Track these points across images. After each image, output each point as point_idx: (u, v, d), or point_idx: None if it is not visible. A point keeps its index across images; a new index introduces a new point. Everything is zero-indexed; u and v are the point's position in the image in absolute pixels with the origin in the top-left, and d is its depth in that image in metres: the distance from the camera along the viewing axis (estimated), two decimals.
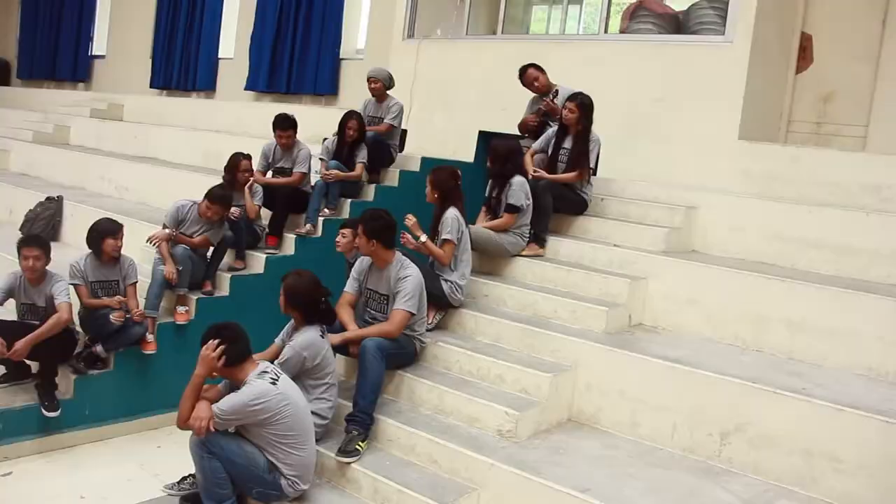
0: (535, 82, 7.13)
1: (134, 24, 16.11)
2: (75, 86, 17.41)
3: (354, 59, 12.29)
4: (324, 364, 4.61)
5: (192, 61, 14.53)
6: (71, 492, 5.25)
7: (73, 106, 14.52)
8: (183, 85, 14.62)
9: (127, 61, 16.25)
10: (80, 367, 5.97)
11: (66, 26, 17.84)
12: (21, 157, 12.37)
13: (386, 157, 8.11)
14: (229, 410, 4.04)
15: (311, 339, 4.57)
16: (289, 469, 4.18)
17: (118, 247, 6.06)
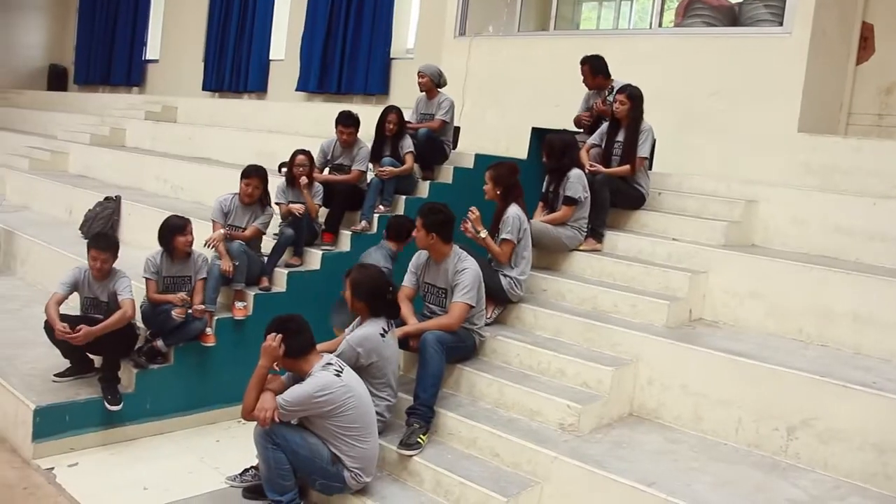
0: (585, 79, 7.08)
1: (186, 28, 16.37)
2: (130, 90, 17.72)
3: (405, 59, 12.33)
4: (381, 363, 4.59)
5: (244, 63, 14.70)
6: (134, 483, 5.31)
7: (128, 109, 14.78)
8: (234, 87, 14.80)
9: (179, 65, 16.53)
10: (142, 362, 6.05)
11: (121, 32, 18.19)
12: (79, 159, 12.62)
13: (439, 154, 8.11)
14: (293, 402, 4.06)
15: (367, 335, 4.56)
16: (352, 461, 4.19)
17: (188, 242, 6.12)
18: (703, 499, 3.94)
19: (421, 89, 8.18)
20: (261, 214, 6.73)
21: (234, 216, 6.72)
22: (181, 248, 6.10)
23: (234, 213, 6.73)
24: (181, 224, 6.15)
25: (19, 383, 5.85)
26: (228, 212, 6.72)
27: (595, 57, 7.07)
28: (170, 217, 6.25)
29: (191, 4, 16.29)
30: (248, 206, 6.73)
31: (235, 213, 6.73)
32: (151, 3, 17.78)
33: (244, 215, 6.71)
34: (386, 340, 4.61)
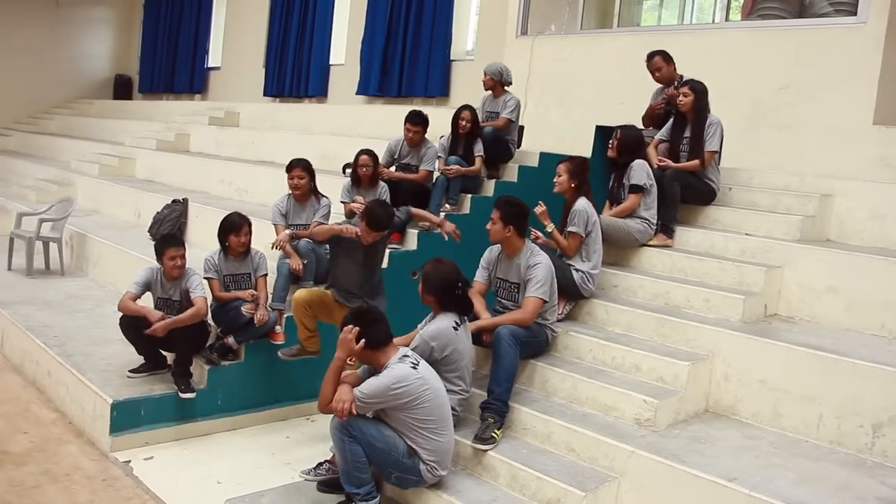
0: (657, 71, 6.98)
1: (247, 35, 16.62)
2: (192, 97, 18.06)
3: (465, 61, 12.34)
4: (454, 356, 4.57)
5: (304, 68, 14.86)
6: (207, 477, 5.37)
7: (191, 115, 15.04)
8: (295, 92, 14.97)
9: (241, 71, 16.78)
10: (213, 358, 6.13)
11: (184, 41, 18.57)
12: (146, 164, 12.89)
13: (504, 153, 8.08)
14: (370, 394, 4.06)
15: (441, 330, 4.54)
16: (428, 454, 4.18)
17: (241, 243, 6.17)
18: (788, 495, 3.84)
19: (486, 88, 8.16)
20: (318, 208, 6.77)
21: (292, 216, 6.77)
22: (234, 247, 6.17)
23: (292, 213, 6.78)
24: (237, 224, 6.20)
25: (96, 378, 5.98)
26: (286, 212, 6.77)
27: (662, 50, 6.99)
28: (229, 215, 6.31)
29: (251, 12, 16.54)
30: (303, 203, 6.77)
31: (293, 213, 6.78)
32: (213, 12, 18.11)
33: (302, 212, 6.76)
34: (459, 334, 4.59)
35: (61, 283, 9.20)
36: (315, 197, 6.79)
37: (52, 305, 8.07)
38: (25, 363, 7.04)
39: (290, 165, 6.70)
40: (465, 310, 4.76)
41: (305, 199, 6.74)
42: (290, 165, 6.70)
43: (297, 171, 6.65)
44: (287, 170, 6.72)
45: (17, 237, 9.68)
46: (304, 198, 6.73)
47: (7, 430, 5.85)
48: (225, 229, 6.16)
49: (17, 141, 18.25)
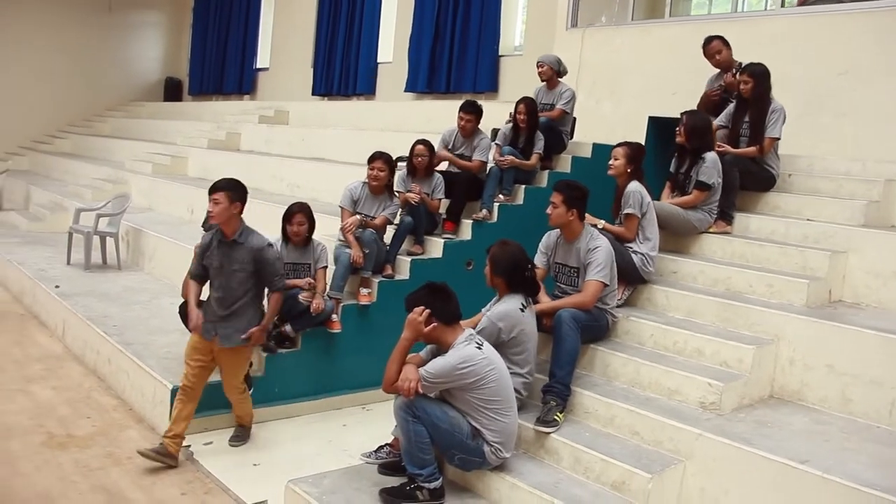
0: (716, 55, 6.88)
1: (295, 36, 16.79)
2: (241, 97, 18.28)
3: (513, 56, 12.33)
4: (521, 338, 4.53)
5: (352, 67, 14.97)
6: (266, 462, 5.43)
7: (241, 114, 15.22)
8: (343, 90, 15.08)
9: (289, 71, 16.95)
10: (271, 346, 6.16)
11: (233, 43, 18.82)
12: (198, 162, 13.05)
13: (558, 144, 8.04)
14: (436, 373, 4.05)
15: (508, 311, 4.52)
16: (493, 435, 4.14)
17: (295, 232, 6.17)
18: (862, 477, 3.74)
19: (541, 79, 8.13)
20: (390, 204, 6.78)
21: (362, 204, 6.78)
22: (290, 235, 6.20)
23: (363, 202, 6.79)
24: (290, 212, 6.22)
25: (156, 366, 6.06)
26: (357, 200, 6.78)
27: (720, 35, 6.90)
28: (291, 204, 6.34)
29: (299, 14, 16.71)
30: (376, 195, 6.78)
31: (364, 202, 6.79)
32: (261, 14, 18.31)
33: (373, 204, 6.77)
34: (525, 315, 4.56)
35: (118, 277, 9.35)
36: (389, 193, 6.81)
37: (111, 297, 8.20)
38: (86, 352, 7.16)
39: (373, 157, 6.72)
40: (532, 291, 4.72)
41: (380, 192, 6.76)
42: (373, 157, 6.72)
43: (379, 163, 6.67)
44: (369, 161, 6.73)
45: (76, 232, 9.87)
46: (379, 191, 6.74)
47: (71, 415, 5.96)
48: (283, 218, 6.21)
49: (71, 143, 18.65)
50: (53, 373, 6.89)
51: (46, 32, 19.41)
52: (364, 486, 4.38)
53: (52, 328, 8.11)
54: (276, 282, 5.35)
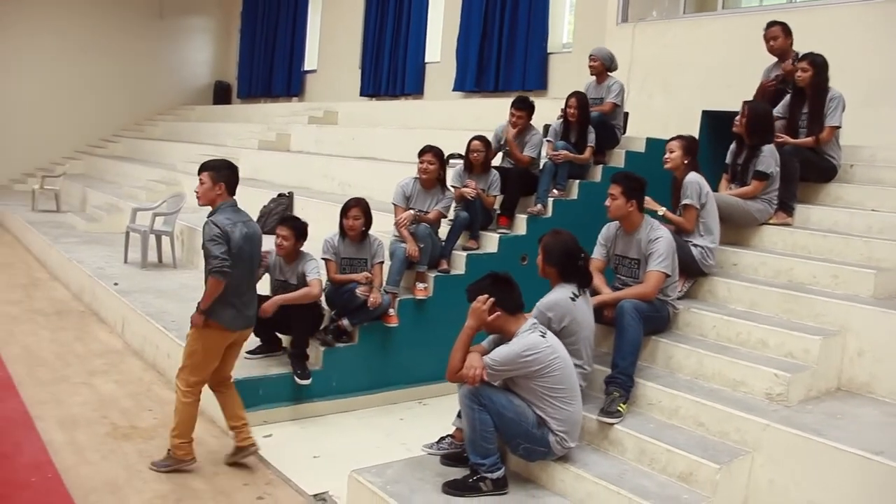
0: (772, 40, 6.77)
1: (342, 38, 16.91)
2: (289, 100, 18.44)
3: (562, 53, 12.28)
4: (572, 328, 4.47)
5: (400, 68, 15.02)
6: (326, 454, 5.48)
7: (291, 116, 15.38)
8: (391, 91, 15.14)
9: (337, 73, 17.08)
10: (328, 340, 6.20)
11: (280, 47, 19.02)
12: (249, 162, 13.18)
13: (611, 138, 7.99)
14: (501, 361, 4.04)
15: (557, 300, 4.47)
16: (558, 424, 4.12)
17: (350, 226, 6.20)
18: None
19: (592, 73, 8.09)
20: (442, 198, 6.79)
21: (415, 200, 6.81)
22: (346, 229, 6.23)
23: (416, 197, 6.82)
24: (346, 206, 6.27)
25: None
26: (410, 196, 6.81)
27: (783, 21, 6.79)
28: (348, 199, 6.38)
29: (346, 16, 16.84)
30: (429, 189, 6.80)
31: (417, 197, 6.81)
32: (308, 17, 18.47)
33: (426, 199, 6.79)
34: (577, 304, 4.50)
35: (174, 275, 9.49)
36: (441, 186, 6.82)
37: (168, 294, 8.31)
38: (145, 347, 7.27)
39: (423, 150, 6.76)
40: (585, 281, 4.67)
41: (432, 185, 6.77)
42: (423, 150, 6.76)
43: (429, 156, 6.70)
44: (419, 154, 6.77)
45: (133, 231, 10.02)
46: (430, 184, 6.76)
47: (133, 408, 6.06)
48: (340, 213, 6.25)
49: (124, 146, 18.99)
50: (115, 367, 7.01)
51: (99, 40, 19.82)
52: (427, 476, 4.38)
53: (112, 324, 8.25)
54: (206, 262, 4.87)
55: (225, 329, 4.94)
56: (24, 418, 5.73)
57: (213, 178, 4.91)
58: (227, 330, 4.95)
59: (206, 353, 4.95)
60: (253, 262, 5.11)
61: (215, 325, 4.89)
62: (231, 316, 4.93)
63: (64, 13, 19.31)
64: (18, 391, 6.26)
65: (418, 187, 6.82)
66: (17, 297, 9.39)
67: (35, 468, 4.94)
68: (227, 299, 4.87)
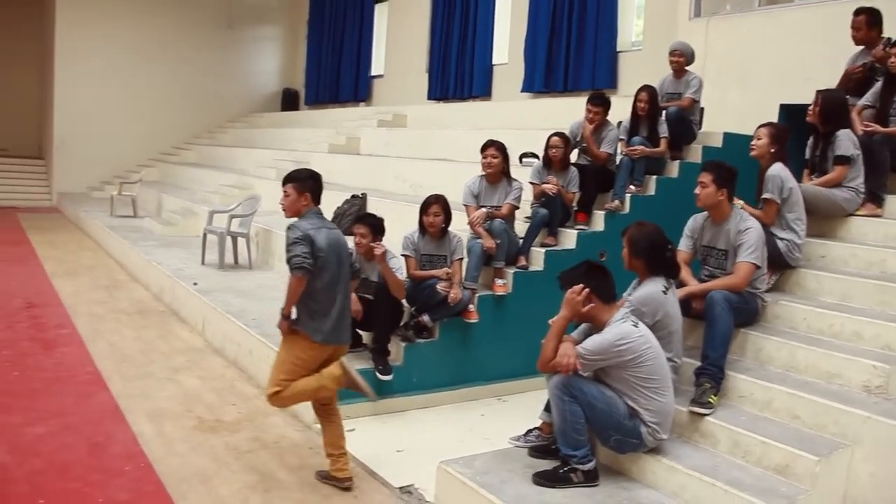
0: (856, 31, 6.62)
1: (409, 42, 17.02)
2: (356, 105, 18.59)
3: (631, 51, 12.17)
4: (665, 321, 4.42)
5: (468, 70, 15.04)
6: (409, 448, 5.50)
7: (359, 120, 15.52)
8: (459, 93, 15.16)
9: (404, 77, 17.18)
10: (409, 336, 6.23)
11: (347, 53, 19.21)
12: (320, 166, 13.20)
13: (688, 133, 7.89)
14: (594, 350, 4.01)
15: (650, 294, 4.41)
16: (650, 415, 4.07)
17: (431, 223, 6.23)
18: None
19: (674, 68, 7.98)
20: (510, 190, 6.78)
21: (483, 197, 6.82)
22: (426, 226, 6.26)
23: (484, 194, 6.83)
24: (426, 203, 6.31)
25: None
26: (478, 194, 6.83)
27: (871, 8, 6.61)
28: (428, 196, 6.40)
29: (412, 20, 16.94)
30: (495, 184, 6.81)
31: (485, 194, 6.82)
32: (374, 23, 18.62)
33: (494, 194, 6.80)
34: (668, 297, 4.45)
35: (250, 275, 9.65)
36: (507, 179, 6.81)
37: (246, 294, 8.45)
38: (226, 344, 7.39)
39: (485, 145, 6.77)
40: (673, 273, 4.61)
41: (497, 179, 6.77)
42: (485, 145, 6.77)
43: (492, 150, 6.70)
44: (482, 149, 6.78)
45: (210, 232, 10.22)
46: (496, 178, 6.75)
47: (218, 403, 6.16)
48: (420, 210, 6.28)
49: (196, 154, 19.39)
50: (197, 364, 7.14)
51: (170, 52, 20.29)
52: (516, 468, 4.36)
53: (192, 323, 8.41)
54: (287, 262, 4.59)
55: (312, 341, 4.66)
56: (115, 411, 5.88)
57: (297, 190, 4.70)
58: (314, 342, 4.66)
59: (296, 364, 4.69)
60: (340, 272, 4.76)
61: (303, 334, 4.66)
62: (318, 327, 4.65)
63: (137, 25, 19.81)
64: (107, 385, 6.42)
65: (485, 184, 6.83)
66: (101, 297, 9.64)
67: (127, 458, 5.06)
68: (310, 307, 4.63)
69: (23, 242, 13.63)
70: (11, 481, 4.63)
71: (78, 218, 16.30)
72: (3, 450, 5.06)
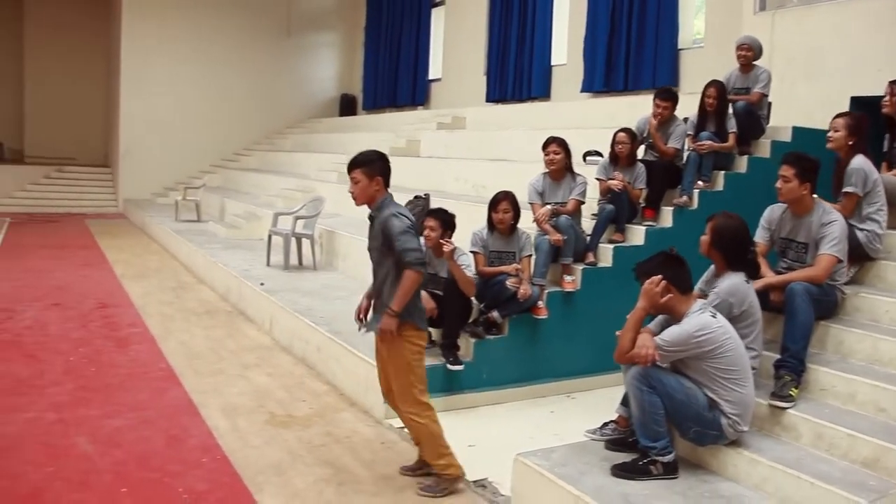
0: None
1: (466, 45, 17.06)
2: (414, 108, 18.67)
3: (693, 49, 12.04)
4: (751, 311, 4.35)
5: (526, 71, 15.03)
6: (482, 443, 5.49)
7: (418, 123, 15.59)
8: (518, 95, 15.15)
9: (462, 80, 17.22)
10: (479, 332, 6.22)
11: (405, 57, 19.32)
12: None
13: (756, 128, 7.77)
14: (673, 341, 3.95)
15: (736, 285, 4.34)
16: (730, 407, 4.00)
17: (500, 219, 6.22)
18: None
19: (742, 62, 7.86)
20: (575, 186, 6.74)
21: (548, 194, 6.80)
22: (496, 223, 6.24)
23: (548, 191, 6.81)
24: (495, 199, 6.30)
25: (367, 352, 6.20)
26: (542, 191, 6.81)
27: None
28: (497, 193, 6.39)
29: (469, 23, 16.99)
30: (559, 181, 6.78)
31: (549, 191, 6.80)
32: (431, 27, 18.70)
33: (558, 190, 6.78)
34: (751, 287, 4.38)
35: (315, 276, 9.75)
36: (571, 175, 6.77)
37: (312, 293, 8.54)
38: (294, 342, 7.46)
39: (547, 142, 6.75)
40: (754, 273, 4.54)
41: (561, 176, 6.74)
42: (547, 142, 6.75)
43: (553, 146, 6.67)
44: (543, 146, 6.76)
45: (275, 234, 10.36)
46: (559, 175, 6.73)
47: (288, 398, 6.23)
48: (489, 206, 6.28)
49: (257, 159, 19.67)
50: (266, 361, 7.23)
51: (231, 59, 20.67)
52: (593, 460, 4.31)
53: (260, 322, 8.52)
54: (403, 255, 4.37)
55: (420, 329, 4.58)
56: (189, 406, 5.98)
57: (367, 174, 4.47)
58: (421, 330, 4.60)
59: (417, 360, 4.61)
60: None
61: (411, 325, 4.53)
62: (422, 314, 4.61)
63: (199, 37, 20.24)
64: (180, 381, 6.53)
65: (548, 181, 6.81)
66: (169, 298, 9.82)
67: (204, 450, 5.14)
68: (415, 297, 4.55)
69: (92, 247, 13.98)
70: (95, 470, 4.75)
71: (143, 223, 16.66)
72: (85, 441, 5.19)
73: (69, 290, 10.00)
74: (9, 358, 6.97)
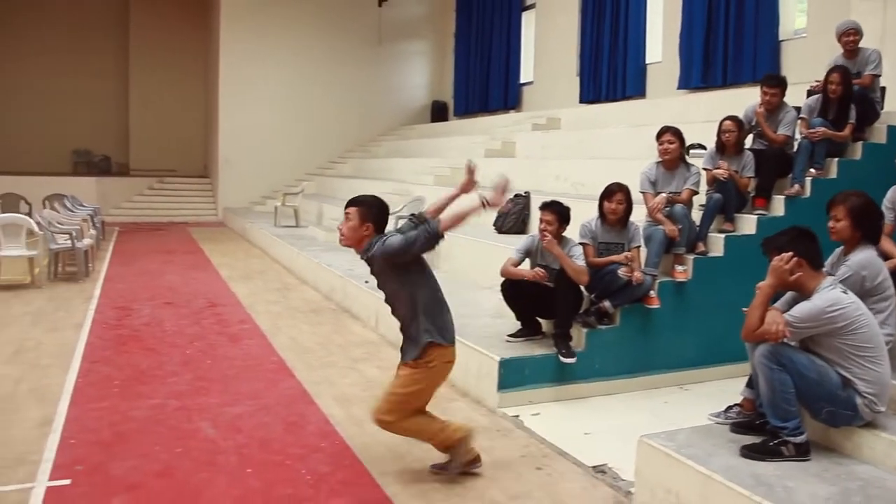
0: None
1: (558, 47, 17.03)
2: (506, 112, 18.68)
3: (795, 39, 11.73)
4: (885, 284, 4.23)
5: (620, 71, 14.90)
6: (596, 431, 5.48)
7: (512, 125, 15.62)
8: (612, 95, 15.02)
9: (554, 82, 17.18)
10: (591, 322, 6.18)
11: (495, 62, 19.40)
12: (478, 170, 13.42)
13: (871, 112, 7.52)
14: (803, 317, 3.86)
15: (869, 257, 4.23)
16: (866, 386, 3.87)
17: (613, 210, 6.21)
18: None
19: (849, 48, 7.66)
20: (689, 175, 6.65)
21: (661, 183, 6.72)
22: (608, 213, 6.20)
23: (661, 180, 6.73)
24: (610, 190, 6.28)
25: (479, 343, 6.25)
26: (655, 181, 6.73)
27: None
28: (610, 184, 6.36)
29: (560, 26, 16.96)
30: (672, 170, 6.70)
31: (662, 180, 6.73)
32: (522, 31, 18.72)
33: (671, 180, 6.69)
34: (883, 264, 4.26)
35: None
36: (684, 165, 6.70)
37: None
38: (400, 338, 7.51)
39: (661, 131, 6.68)
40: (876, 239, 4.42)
41: (675, 165, 6.66)
42: (661, 131, 6.68)
43: (668, 135, 6.60)
44: (657, 136, 6.70)
45: None
46: (673, 164, 6.65)
47: None
48: (601, 196, 6.25)
49: (351, 166, 20.02)
50: (374, 355, 7.34)
51: (324, 70, 21.20)
52: (720, 442, 4.23)
53: (365, 319, 8.65)
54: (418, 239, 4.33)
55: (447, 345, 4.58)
56: (303, 395, 6.12)
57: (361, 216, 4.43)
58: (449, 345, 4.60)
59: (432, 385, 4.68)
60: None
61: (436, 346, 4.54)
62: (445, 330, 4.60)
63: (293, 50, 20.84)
64: (293, 373, 6.68)
65: (661, 170, 6.73)
66: (275, 297, 10.07)
67: (322, 436, 5.25)
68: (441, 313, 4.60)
69: (197, 252, 14.45)
70: (221, 451, 4.91)
71: (243, 229, 17.11)
72: (208, 425, 5.36)
73: (180, 291, 10.36)
74: (130, 350, 7.28)
